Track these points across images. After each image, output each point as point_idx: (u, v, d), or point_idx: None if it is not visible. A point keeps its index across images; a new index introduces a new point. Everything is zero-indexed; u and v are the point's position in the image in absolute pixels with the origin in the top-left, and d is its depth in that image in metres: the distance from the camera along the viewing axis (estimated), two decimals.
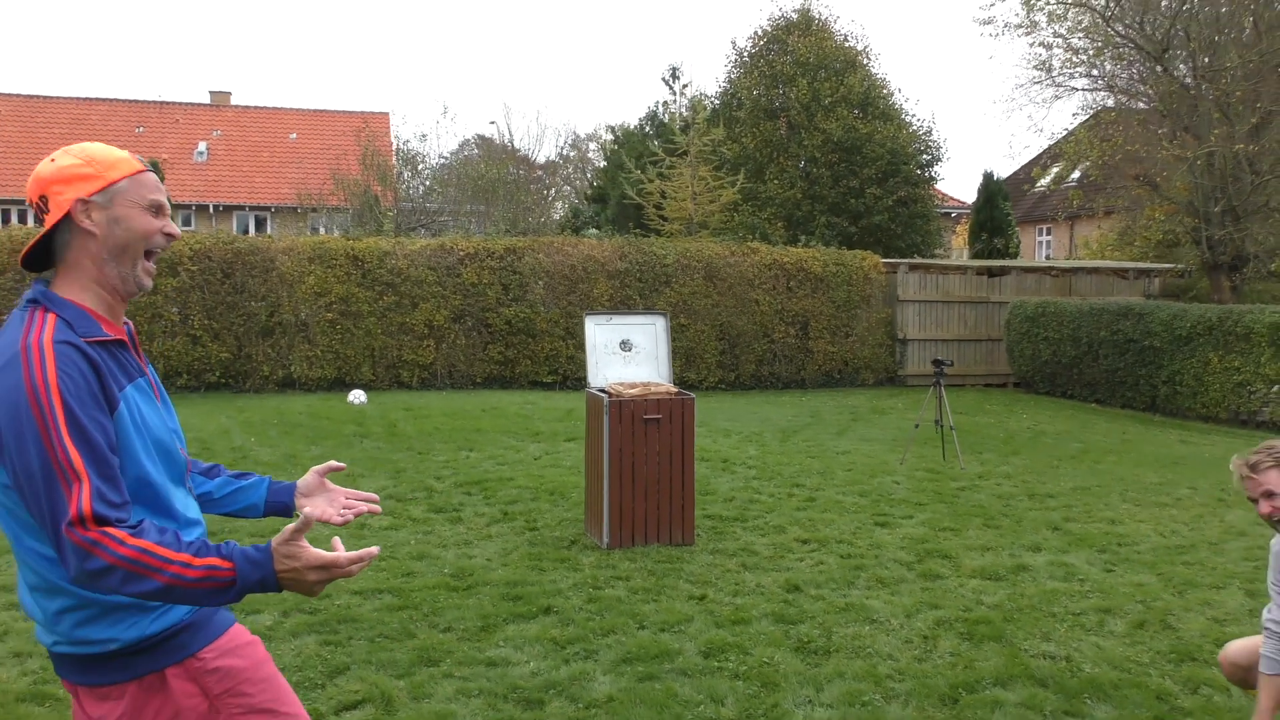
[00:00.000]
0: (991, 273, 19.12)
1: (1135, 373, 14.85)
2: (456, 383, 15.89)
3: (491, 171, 25.37)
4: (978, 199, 27.30)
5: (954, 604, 5.50)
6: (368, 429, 11.08)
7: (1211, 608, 5.48)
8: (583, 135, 53.42)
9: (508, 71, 76.70)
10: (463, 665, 4.55)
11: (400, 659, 4.59)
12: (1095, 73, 17.35)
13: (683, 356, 16.48)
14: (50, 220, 1.96)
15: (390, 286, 15.47)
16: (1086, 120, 30.30)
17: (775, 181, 22.43)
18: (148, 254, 2.05)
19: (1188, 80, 14.91)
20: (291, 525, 1.89)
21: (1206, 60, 14.76)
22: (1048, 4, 16.55)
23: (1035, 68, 18.05)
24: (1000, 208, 26.68)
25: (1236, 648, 3.71)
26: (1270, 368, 12.86)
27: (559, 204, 42.74)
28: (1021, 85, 48.82)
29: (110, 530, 1.79)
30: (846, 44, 23.93)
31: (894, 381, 18.31)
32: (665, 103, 31.73)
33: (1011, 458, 10.43)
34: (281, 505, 2.36)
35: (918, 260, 19.49)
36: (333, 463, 2.43)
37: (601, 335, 7.18)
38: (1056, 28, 16.88)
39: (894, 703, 4.22)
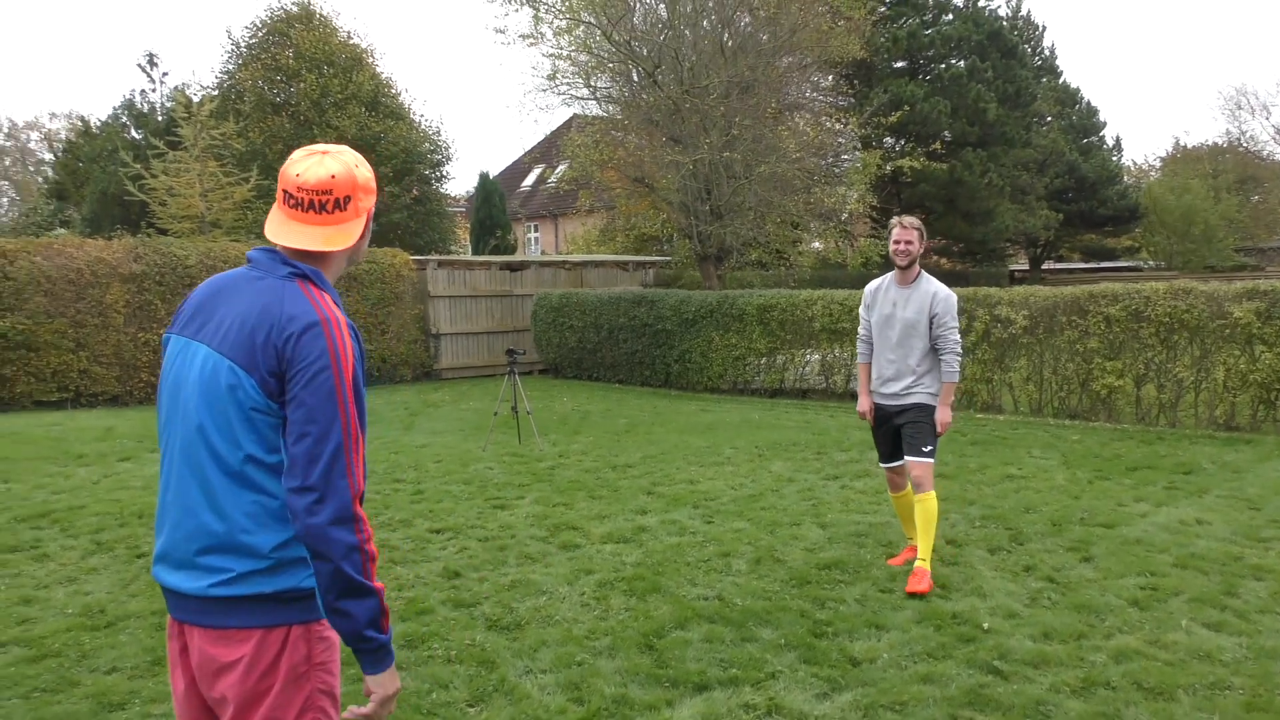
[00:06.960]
0: (512, 267, 20.24)
1: (651, 353, 16.65)
2: None
3: None
4: (476, 197, 28.55)
5: (603, 567, 6.03)
6: None
7: (799, 540, 6.58)
8: (21, 124, 47.07)
9: None
10: (156, 703, 4.18)
11: (77, 710, 4.11)
12: (593, 84, 19.01)
13: None
14: (353, 219, 2.17)
15: None
16: (563, 127, 32.98)
17: None
18: None
19: (675, 95, 16.95)
20: None
21: (689, 77, 16.91)
22: (555, 19, 17.85)
23: (545, 78, 19.32)
24: (497, 205, 28.17)
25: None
26: (760, 343, 15.17)
27: None
28: (530, 92, 51.82)
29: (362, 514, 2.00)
30: (351, 41, 23.75)
31: (430, 376, 18.70)
32: (144, 91, 29.12)
33: (575, 436, 11.33)
34: None
35: (445, 257, 20.07)
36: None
37: None
38: (561, 41, 18.26)
39: (601, 658, 4.61)
